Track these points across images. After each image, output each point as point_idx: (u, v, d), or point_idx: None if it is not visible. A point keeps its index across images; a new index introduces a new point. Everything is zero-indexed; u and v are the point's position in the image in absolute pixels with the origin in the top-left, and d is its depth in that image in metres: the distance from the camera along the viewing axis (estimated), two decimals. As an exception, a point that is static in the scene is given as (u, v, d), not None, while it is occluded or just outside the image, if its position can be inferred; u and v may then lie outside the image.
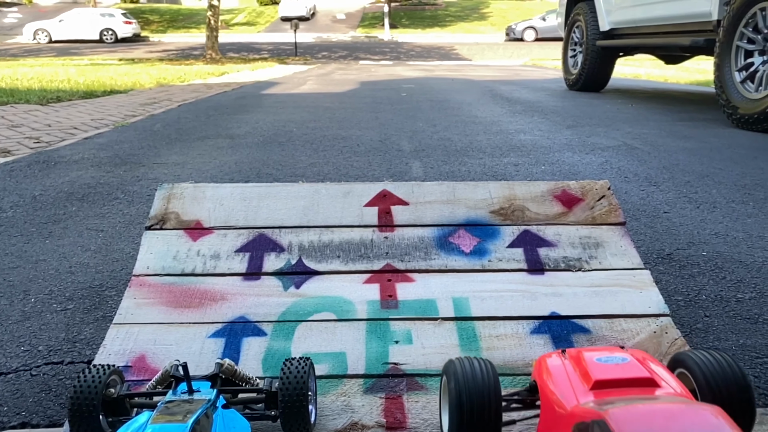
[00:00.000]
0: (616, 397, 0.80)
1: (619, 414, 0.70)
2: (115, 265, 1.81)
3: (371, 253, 1.30)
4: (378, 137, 4.05)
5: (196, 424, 0.82)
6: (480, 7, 41.26)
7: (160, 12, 40.17)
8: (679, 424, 0.69)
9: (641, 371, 0.86)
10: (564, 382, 0.88)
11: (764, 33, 4.13)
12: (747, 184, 2.67)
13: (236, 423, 0.91)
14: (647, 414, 0.71)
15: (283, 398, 0.93)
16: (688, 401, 0.77)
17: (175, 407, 0.87)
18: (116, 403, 0.96)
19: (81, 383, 0.94)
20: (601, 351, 0.91)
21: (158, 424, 0.81)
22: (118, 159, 3.35)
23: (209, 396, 0.91)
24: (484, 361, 0.94)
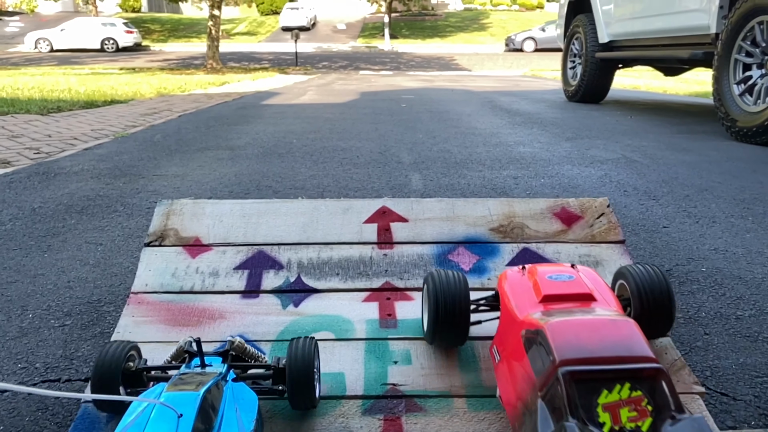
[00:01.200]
0: (558, 310, 0.97)
1: (554, 326, 0.88)
2: (113, 280, 1.81)
3: (370, 271, 1.30)
4: (378, 149, 4.06)
5: (207, 393, 0.88)
6: (480, 17, 41.46)
7: (162, 21, 40.33)
8: (600, 333, 0.86)
9: (583, 288, 1.03)
10: (520, 294, 1.06)
11: (762, 47, 4.15)
12: (746, 199, 2.68)
13: (245, 395, 0.97)
14: (576, 326, 0.88)
15: (290, 375, 1.00)
16: (613, 315, 0.94)
17: (188, 378, 0.93)
18: (134, 376, 1.04)
19: (103, 357, 1.03)
20: (553, 268, 1.09)
21: (173, 392, 0.87)
22: (118, 170, 3.35)
23: (220, 370, 0.97)
24: (458, 273, 1.14)
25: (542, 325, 0.89)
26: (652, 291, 1.11)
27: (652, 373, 0.81)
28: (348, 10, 44.44)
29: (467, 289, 1.12)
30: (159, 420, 0.81)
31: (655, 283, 1.12)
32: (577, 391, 0.79)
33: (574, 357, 0.82)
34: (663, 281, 1.13)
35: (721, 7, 4.56)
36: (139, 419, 0.83)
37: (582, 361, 0.81)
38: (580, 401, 0.78)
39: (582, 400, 0.78)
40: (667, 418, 0.78)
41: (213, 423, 0.87)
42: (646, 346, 0.85)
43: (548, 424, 0.79)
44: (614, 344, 0.84)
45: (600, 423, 0.77)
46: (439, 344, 1.15)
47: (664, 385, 0.80)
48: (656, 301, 1.11)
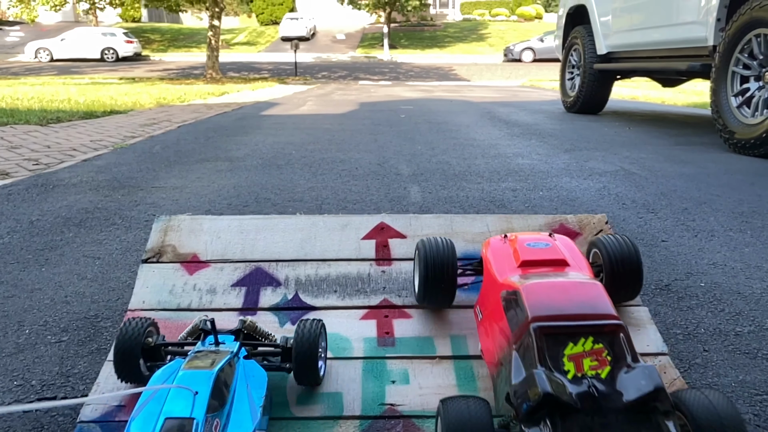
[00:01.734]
0: (534, 274, 1.08)
1: (529, 287, 1.00)
2: (111, 295, 1.80)
3: (368, 288, 1.29)
4: (377, 160, 4.06)
5: (221, 371, 0.95)
6: (478, 28, 41.65)
7: (162, 31, 40.48)
8: (569, 294, 0.98)
9: (558, 254, 1.15)
10: (500, 259, 1.17)
11: (759, 59, 4.17)
12: (744, 212, 2.68)
13: (255, 372, 1.05)
14: (548, 287, 1.00)
15: (296, 353, 1.08)
16: (582, 278, 1.05)
17: (203, 356, 1.00)
18: (153, 351, 1.13)
19: (124, 333, 1.11)
20: (532, 236, 1.22)
21: (189, 369, 0.95)
22: (117, 182, 3.35)
23: (233, 348, 1.05)
24: (446, 240, 1.28)
25: (518, 286, 1.01)
26: (622, 258, 1.24)
27: (613, 328, 0.92)
28: (347, 20, 44.64)
29: (455, 255, 1.25)
30: (176, 398, 0.88)
31: (625, 251, 1.25)
32: (546, 343, 0.90)
33: (544, 314, 0.93)
34: (632, 249, 1.26)
35: (719, 19, 4.58)
36: (158, 396, 0.91)
37: (551, 318, 0.93)
38: (548, 352, 0.89)
39: (550, 351, 0.90)
40: (624, 366, 0.89)
41: (226, 399, 0.94)
42: (609, 305, 0.96)
43: (520, 372, 0.90)
44: (581, 303, 0.96)
45: (565, 371, 0.88)
46: (428, 304, 1.28)
47: (623, 339, 0.91)
48: (626, 267, 1.24)
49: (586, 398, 0.84)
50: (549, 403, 0.82)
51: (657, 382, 0.85)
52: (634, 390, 0.85)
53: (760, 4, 4.03)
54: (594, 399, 0.85)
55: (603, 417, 0.83)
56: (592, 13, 6.93)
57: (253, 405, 0.97)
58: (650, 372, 0.86)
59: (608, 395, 0.85)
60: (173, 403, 0.87)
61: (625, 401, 0.85)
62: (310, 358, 1.07)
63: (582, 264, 1.15)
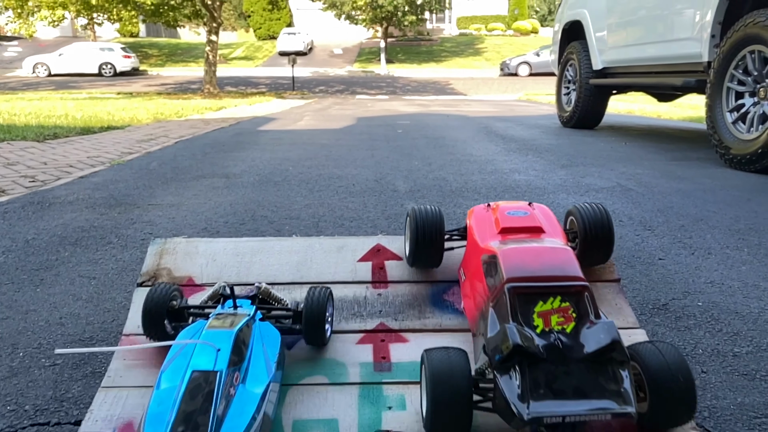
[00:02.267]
0: (512, 240, 1.19)
1: (505, 252, 1.11)
2: (106, 316, 1.79)
3: (364, 312, 1.29)
4: (373, 177, 4.07)
5: (239, 331, 1.07)
6: (475, 42, 41.93)
7: (159, 46, 40.68)
8: (541, 258, 1.09)
9: (535, 222, 1.26)
10: (483, 226, 1.29)
11: (754, 75, 4.20)
12: (741, 229, 2.68)
13: (270, 332, 1.17)
14: (522, 252, 1.11)
15: (306, 317, 1.21)
16: (554, 244, 1.16)
17: (223, 318, 1.13)
18: (177, 312, 1.26)
19: (151, 296, 1.24)
20: (512, 205, 1.33)
21: (212, 329, 1.07)
22: (113, 200, 3.35)
23: (249, 311, 1.18)
24: (435, 207, 1.42)
25: (497, 251, 1.12)
26: (595, 225, 1.34)
27: (579, 289, 1.03)
28: (345, 35, 44.91)
29: (443, 221, 1.39)
30: (201, 353, 1.00)
31: (598, 219, 1.36)
32: (518, 301, 1.02)
33: (518, 276, 1.04)
34: (605, 216, 1.36)
35: (713, 36, 4.62)
36: (185, 351, 1.03)
37: (524, 279, 1.04)
38: (520, 309, 1.01)
39: (522, 308, 1.01)
40: (587, 322, 1.00)
41: (244, 356, 1.06)
42: (577, 268, 1.08)
43: (495, 326, 1.02)
44: (551, 266, 1.07)
45: (534, 326, 0.99)
46: (417, 265, 1.41)
47: (587, 299, 1.02)
48: (598, 232, 1.34)
49: (551, 350, 0.95)
50: (518, 354, 0.93)
51: (614, 336, 0.95)
52: (594, 343, 0.96)
53: (754, 21, 4.07)
54: (558, 350, 0.95)
55: (566, 366, 0.94)
56: (588, 29, 6.98)
57: (268, 361, 1.09)
58: (609, 327, 0.97)
59: (571, 347, 0.96)
60: (199, 358, 0.99)
61: (585, 352, 0.95)
62: (318, 321, 1.21)
63: (557, 231, 1.27)
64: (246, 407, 0.97)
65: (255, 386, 1.02)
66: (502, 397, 0.92)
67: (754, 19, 4.07)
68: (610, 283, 1.36)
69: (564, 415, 0.89)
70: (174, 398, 0.94)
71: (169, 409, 0.93)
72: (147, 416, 0.94)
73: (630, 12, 6.10)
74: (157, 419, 0.92)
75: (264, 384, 1.03)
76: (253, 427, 0.96)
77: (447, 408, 0.95)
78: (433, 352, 1.01)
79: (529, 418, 0.88)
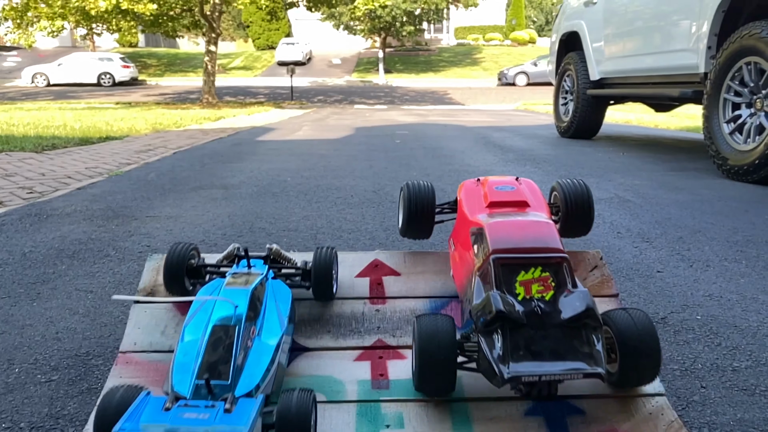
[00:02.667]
0: (499, 213, 1.26)
1: (492, 225, 1.20)
2: (102, 331, 1.78)
3: (362, 328, 1.28)
4: (372, 187, 4.07)
5: (255, 289, 1.18)
6: (472, 52, 42.11)
7: (158, 56, 40.79)
8: (525, 231, 1.17)
9: (521, 197, 1.34)
10: (472, 200, 1.37)
11: (750, 86, 4.22)
12: (739, 241, 2.68)
13: (281, 289, 1.28)
14: (507, 225, 1.20)
15: (314, 274, 1.34)
16: (538, 218, 1.24)
17: (239, 276, 1.23)
18: (195, 270, 1.40)
19: (171, 255, 1.37)
20: (500, 180, 1.41)
21: (229, 287, 1.17)
22: (111, 211, 3.34)
23: (263, 270, 1.29)
24: (428, 183, 1.52)
25: (484, 224, 1.21)
26: (577, 199, 1.43)
27: (558, 260, 1.11)
28: (343, 45, 45.08)
29: (434, 196, 1.49)
30: (221, 309, 1.10)
31: (579, 193, 1.45)
32: (502, 271, 1.10)
33: (502, 248, 1.12)
34: (585, 191, 1.45)
35: (709, 47, 4.64)
36: (205, 307, 1.13)
37: (508, 251, 1.12)
38: (503, 278, 1.09)
39: (505, 278, 1.09)
40: (565, 291, 1.08)
41: (259, 311, 1.17)
42: (558, 241, 1.16)
43: (481, 294, 1.10)
44: (534, 239, 1.15)
45: (516, 294, 1.08)
46: (409, 235, 1.54)
47: (566, 269, 1.11)
48: (579, 206, 1.43)
49: (531, 316, 1.04)
50: (501, 319, 1.01)
51: (588, 303, 1.04)
52: (570, 309, 1.04)
53: (749, 33, 4.09)
54: (538, 316, 1.04)
55: (544, 331, 1.02)
56: (585, 40, 7.01)
57: (281, 315, 1.20)
58: (584, 295, 1.05)
59: (549, 313, 1.05)
60: (219, 314, 1.09)
61: (562, 318, 1.04)
62: (325, 277, 1.34)
63: (542, 205, 1.35)
64: (262, 357, 1.08)
65: (269, 338, 1.13)
66: (485, 358, 1.01)
67: (750, 30, 4.09)
68: (609, 298, 1.35)
69: (540, 374, 0.98)
70: (197, 349, 1.05)
71: (194, 359, 1.03)
72: (174, 365, 1.04)
73: (626, 23, 6.13)
74: (183, 368, 1.03)
75: (278, 336, 1.14)
76: (268, 374, 1.06)
77: (433, 367, 1.06)
78: (422, 317, 1.11)
79: (508, 376, 0.97)
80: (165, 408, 0.92)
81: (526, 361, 0.99)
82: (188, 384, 1.00)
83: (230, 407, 0.93)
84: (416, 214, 1.48)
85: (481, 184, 1.41)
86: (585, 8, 7.10)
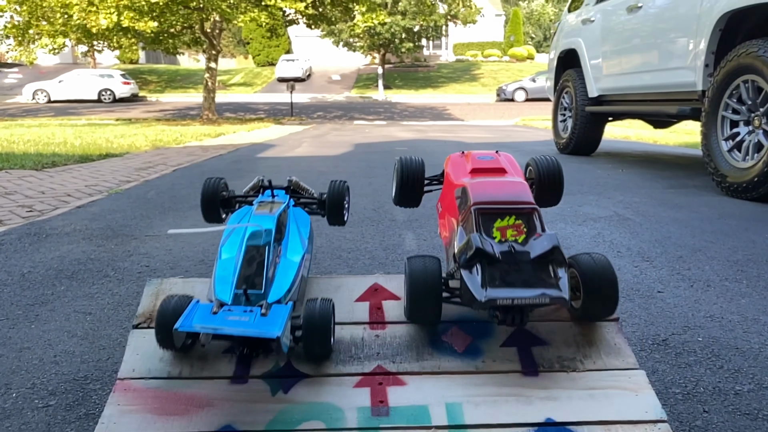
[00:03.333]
0: (480, 178, 1.43)
1: (474, 184, 1.38)
2: (101, 354, 1.77)
3: (362, 354, 1.27)
4: (371, 205, 4.07)
5: (279, 216, 1.37)
6: (471, 68, 42.34)
7: (159, 72, 41.01)
8: (501, 188, 1.36)
9: (499, 164, 1.52)
10: (457, 168, 1.55)
11: (748, 104, 4.23)
12: (739, 260, 2.67)
13: (302, 216, 1.51)
14: (486, 184, 1.38)
15: (329, 204, 1.63)
16: (513, 179, 1.44)
17: (265, 205, 1.43)
18: (226, 201, 1.66)
19: (206, 189, 1.66)
20: (482, 152, 1.59)
21: (258, 214, 1.37)
22: (110, 231, 3.34)
23: (285, 199, 1.50)
24: (419, 157, 1.70)
25: (466, 184, 1.38)
26: (548, 171, 1.60)
27: (530, 210, 1.28)
28: (343, 61, 45.34)
29: (423, 169, 1.68)
30: (252, 232, 1.28)
31: (551, 167, 1.61)
32: (481, 219, 1.26)
33: (482, 200, 1.30)
34: (556, 166, 1.61)
35: (707, 65, 4.67)
36: (238, 231, 1.31)
37: (487, 203, 1.29)
38: (482, 225, 1.26)
39: (484, 224, 1.26)
40: (535, 234, 1.25)
41: (284, 234, 1.37)
42: (530, 196, 1.34)
43: (463, 237, 1.27)
44: (509, 194, 1.33)
45: (493, 237, 1.25)
46: (401, 203, 1.73)
47: (536, 217, 1.28)
48: (551, 178, 1.60)
49: (506, 254, 1.19)
50: (480, 255, 1.17)
51: (555, 243, 1.20)
52: (539, 249, 1.20)
53: (746, 52, 4.12)
54: (511, 254, 1.19)
55: (517, 266, 1.18)
56: (583, 57, 7.06)
57: (302, 238, 1.40)
58: (551, 237, 1.22)
59: (522, 253, 1.20)
60: (250, 236, 1.27)
61: (532, 256, 1.19)
62: (338, 207, 1.62)
63: (518, 173, 1.51)
64: (288, 271, 1.27)
65: (293, 256, 1.32)
66: (466, 287, 1.16)
67: (746, 49, 4.12)
68: (609, 323, 1.35)
69: (513, 298, 1.12)
70: (234, 265, 1.22)
71: (232, 273, 1.21)
72: (216, 278, 1.21)
73: (624, 41, 6.17)
74: (223, 280, 1.20)
75: (300, 254, 1.34)
76: (294, 285, 1.26)
77: (421, 300, 1.24)
78: (413, 259, 1.28)
79: (485, 300, 1.12)
80: (212, 312, 1.11)
81: (501, 288, 1.14)
82: (229, 293, 1.17)
83: (265, 312, 1.11)
84: (408, 184, 1.67)
85: (464, 156, 1.60)
86: (583, 26, 7.15)
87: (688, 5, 4.88)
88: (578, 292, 1.27)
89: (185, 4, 15.54)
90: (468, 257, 1.18)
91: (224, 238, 1.31)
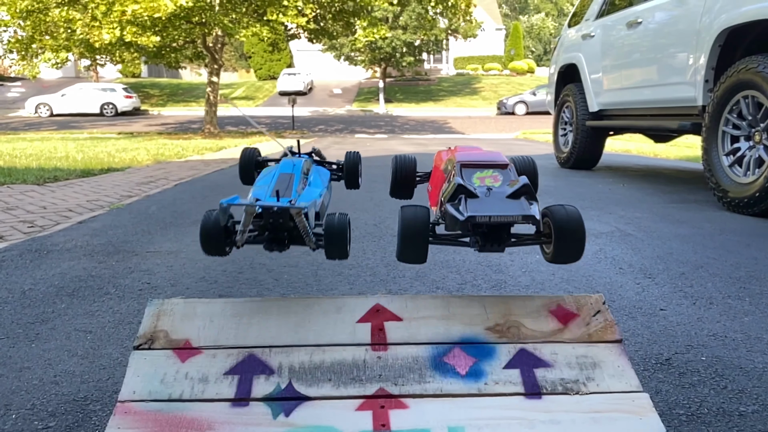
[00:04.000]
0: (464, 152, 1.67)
1: (457, 153, 1.63)
2: (101, 374, 1.76)
3: (364, 376, 1.26)
4: (372, 220, 4.07)
5: (304, 162, 1.66)
6: (472, 82, 42.51)
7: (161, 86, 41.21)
8: (482, 155, 1.61)
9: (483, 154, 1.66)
10: (444, 155, 1.78)
11: (748, 119, 4.24)
12: (742, 277, 2.67)
13: (322, 171, 1.79)
14: (469, 152, 1.64)
15: (346, 169, 1.95)
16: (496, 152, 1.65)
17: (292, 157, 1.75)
18: (261, 164, 1.95)
19: (244, 154, 1.96)
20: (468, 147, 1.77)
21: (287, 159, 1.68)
22: (112, 247, 3.33)
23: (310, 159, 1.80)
24: (411, 156, 1.95)
25: (452, 155, 1.63)
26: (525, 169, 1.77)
27: (505, 165, 1.51)
28: (344, 75, 45.54)
29: (415, 166, 1.93)
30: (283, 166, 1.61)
31: (527, 165, 1.80)
32: (463, 171, 1.47)
33: (465, 160, 1.52)
34: (531, 163, 1.81)
35: (707, 80, 4.69)
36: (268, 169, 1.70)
37: (469, 162, 1.51)
38: (464, 175, 1.46)
39: (466, 175, 1.46)
40: (509, 181, 1.44)
41: (309, 175, 1.66)
42: (505, 158, 1.56)
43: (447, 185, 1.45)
44: (488, 157, 1.56)
45: (474, 183, 1.42)
46: (396, 195, 1.96)
47: (510, 170, 1.50)
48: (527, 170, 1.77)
49: (484, 192, 1.36)
50: (461, 191, 1.35)
51: (525, 183, 1.37)
52: (512, 188, 1.37)
53: (746, 67, 4.13)
54: (489, 191, 1.37)
55: (493, 198, 1.35)
56: (583, 72, 7.09)
57: (324, 181, 1.71)
58: (523, 179, 1.39)
59: (498, 192, 1.37)
60: (282, 169, 1.58)
61: (507, 195, 1.35)
62: (353, 172, 1.95)
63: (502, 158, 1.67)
64: (313, 191, 1.56)
65: (316, 188, 1.60)
66: (450, 214, 1.31)
67: (746, 65, 4.14)
68: (612, 344, 1.34)
69: (490, 215, 1.27)
70: (268, 184, 1.49)
71: (266, 188, 1.48)
72: (253, 192, 1.47)
73: (624, 56, 6.20)
74: (260, 190, 1.47)
75: (321, 189, 1.62)
76: (317, 201, 1.53)
77: (411, 240, 1.40)
78: (405, 208, 1.44)
79: (466, 216, 1.27)
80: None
81: (479, 209, 1.29)
82: (264, 196, 1.42)
83: (294, 202, 1.39)
84: (402, 178, 1.92)
85: (451, 150, 1.77)
86: (583, 41, 7.19)
87: (688, 21, 4.91)
88: (550, 238, 1.41)
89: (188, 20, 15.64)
90: (452, 193, 1.35)
91: (259, 178, 1.60)
